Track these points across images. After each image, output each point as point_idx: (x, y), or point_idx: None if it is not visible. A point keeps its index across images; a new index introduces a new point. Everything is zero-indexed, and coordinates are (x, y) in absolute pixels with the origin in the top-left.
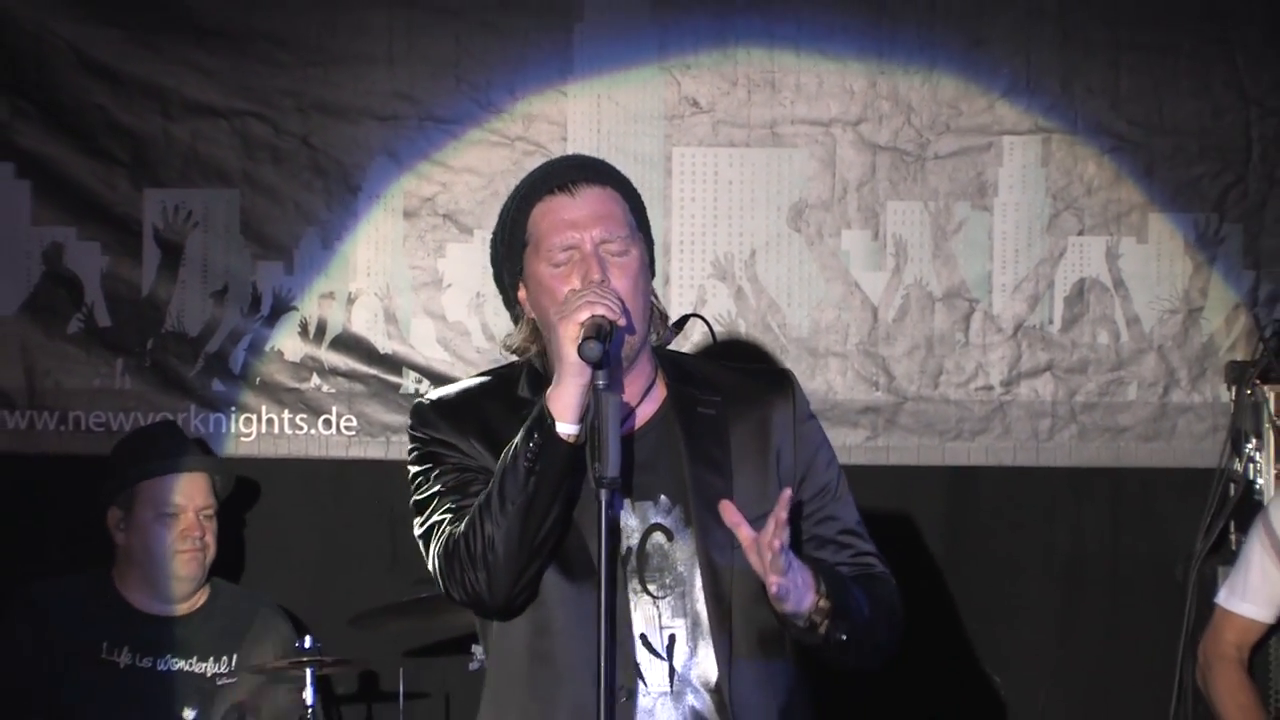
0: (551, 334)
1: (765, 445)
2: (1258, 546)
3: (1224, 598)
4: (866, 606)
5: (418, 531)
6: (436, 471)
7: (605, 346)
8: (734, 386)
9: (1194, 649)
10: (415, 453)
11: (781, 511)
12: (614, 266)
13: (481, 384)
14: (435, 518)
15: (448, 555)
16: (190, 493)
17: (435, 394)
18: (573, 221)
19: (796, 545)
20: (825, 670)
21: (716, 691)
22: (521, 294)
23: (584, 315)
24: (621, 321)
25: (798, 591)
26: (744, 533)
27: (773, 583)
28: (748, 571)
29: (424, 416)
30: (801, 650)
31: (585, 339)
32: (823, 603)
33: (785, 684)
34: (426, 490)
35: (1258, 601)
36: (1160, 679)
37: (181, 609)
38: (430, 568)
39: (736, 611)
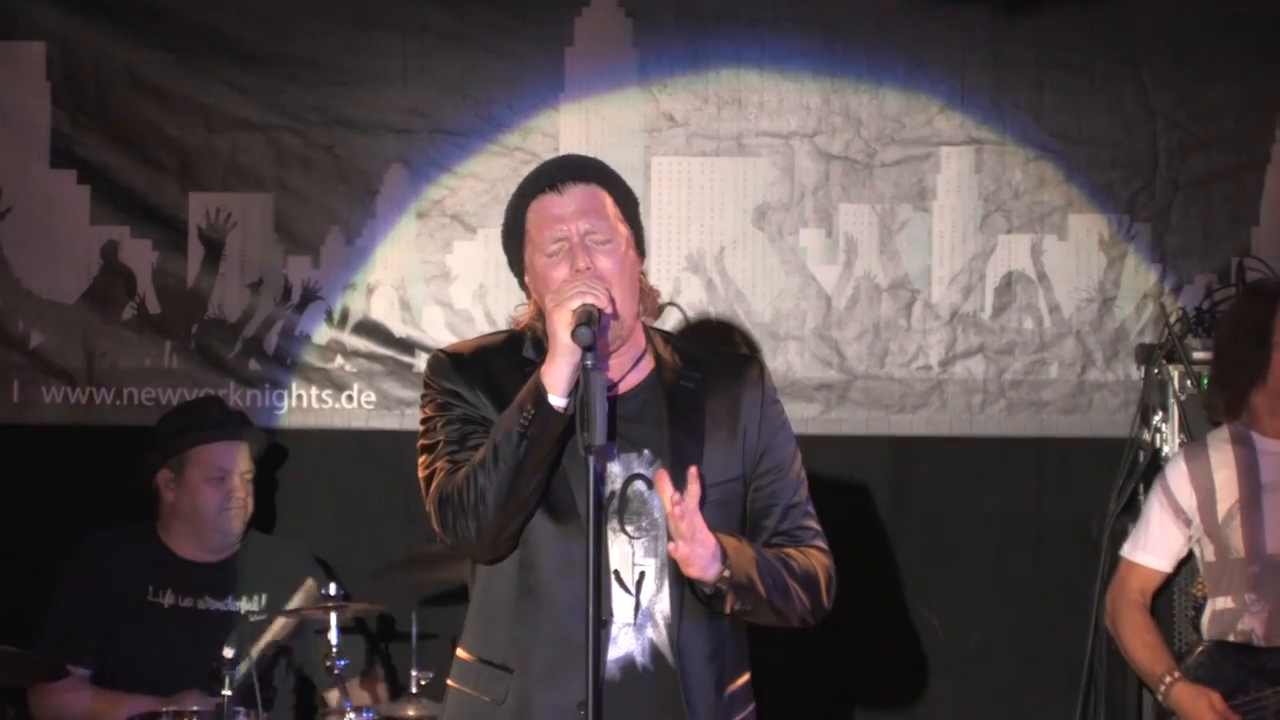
0: (548, 316)
1: (735, 420)
2: (1156, 505)
3: (1128, 550)
4: (783, 581)
5: (421, 474)
6: (443, 420)
7: (594, 331)
8: (713, 366)
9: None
10: (427, 399)
11: (694, 485)
12: (600, 254)
13: (491, 342)
14: (436, 465)
15: (443, 503)
16: (235, 458)
17: (450, 347)
18: (560, 216)
19: (742, 513)
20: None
21: (669, 627)
22: (526, 278)
23: (575, 303)
24: (609, 309)
25: (699, 560)
26: (666, 498)
27: (671, 546)
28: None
29: (438, 367)
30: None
31: (577, 325)
32: (726, 573)
33: (725, 625)
34: (433, 436)
35: (1157, 553)
36: (1078, 621)
37: (219, 555)
38: (427, 509)
39: None
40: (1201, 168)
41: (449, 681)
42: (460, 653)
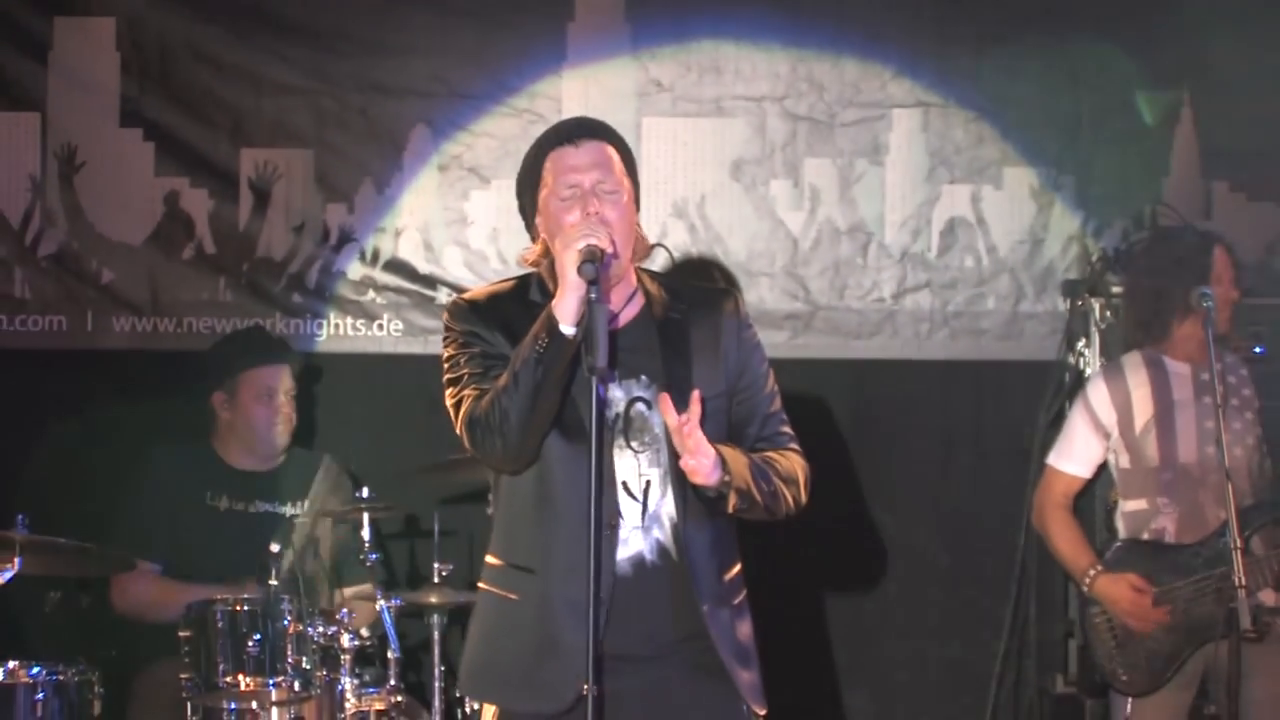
0: (557, 255)
1: (716, 345)
2: (1079, 419)
3: (1053, 458)
4: (769, 482)
5: (449, 402)
6: (465, 357)
7: (598, 268)
8: (695, 300)
9: None
10: (449, 340)
11: (695, 406)
12: (607, 203)
13: (502, 289)
14: (464, 393)
15: (473, 424)
16: (280, 378)
17: (467, 295)
18: (576, 166)
19: (728, 424)
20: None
21: (674, 526)
22: (538, 220)
23: (582, 244)
24: (610, 250)
25: (704, 469)
26: (670, 419)
27: (681, 462)
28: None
29: (459, 312)
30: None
31: (583, 262)
32: (726, 478)
33: (721, 523)
34: (457, 371)
35: (1078, 461)
36: (1012, 519)
37: (267, 465)
38: (458, 431)
39: None
40: (1119, 127)
41: (479, 584)
42: (489, 558)
